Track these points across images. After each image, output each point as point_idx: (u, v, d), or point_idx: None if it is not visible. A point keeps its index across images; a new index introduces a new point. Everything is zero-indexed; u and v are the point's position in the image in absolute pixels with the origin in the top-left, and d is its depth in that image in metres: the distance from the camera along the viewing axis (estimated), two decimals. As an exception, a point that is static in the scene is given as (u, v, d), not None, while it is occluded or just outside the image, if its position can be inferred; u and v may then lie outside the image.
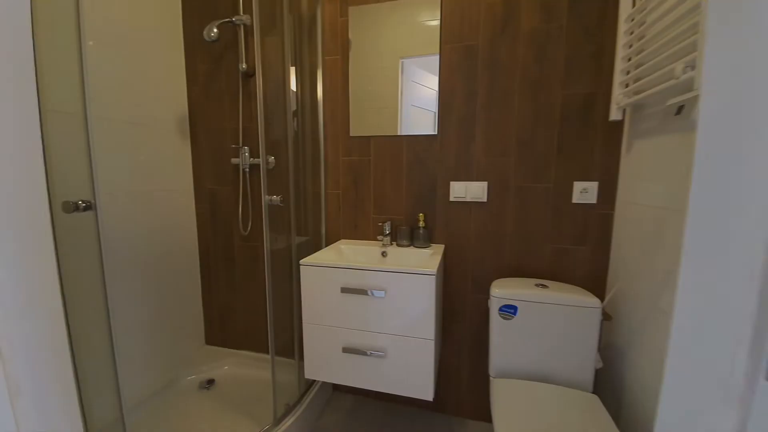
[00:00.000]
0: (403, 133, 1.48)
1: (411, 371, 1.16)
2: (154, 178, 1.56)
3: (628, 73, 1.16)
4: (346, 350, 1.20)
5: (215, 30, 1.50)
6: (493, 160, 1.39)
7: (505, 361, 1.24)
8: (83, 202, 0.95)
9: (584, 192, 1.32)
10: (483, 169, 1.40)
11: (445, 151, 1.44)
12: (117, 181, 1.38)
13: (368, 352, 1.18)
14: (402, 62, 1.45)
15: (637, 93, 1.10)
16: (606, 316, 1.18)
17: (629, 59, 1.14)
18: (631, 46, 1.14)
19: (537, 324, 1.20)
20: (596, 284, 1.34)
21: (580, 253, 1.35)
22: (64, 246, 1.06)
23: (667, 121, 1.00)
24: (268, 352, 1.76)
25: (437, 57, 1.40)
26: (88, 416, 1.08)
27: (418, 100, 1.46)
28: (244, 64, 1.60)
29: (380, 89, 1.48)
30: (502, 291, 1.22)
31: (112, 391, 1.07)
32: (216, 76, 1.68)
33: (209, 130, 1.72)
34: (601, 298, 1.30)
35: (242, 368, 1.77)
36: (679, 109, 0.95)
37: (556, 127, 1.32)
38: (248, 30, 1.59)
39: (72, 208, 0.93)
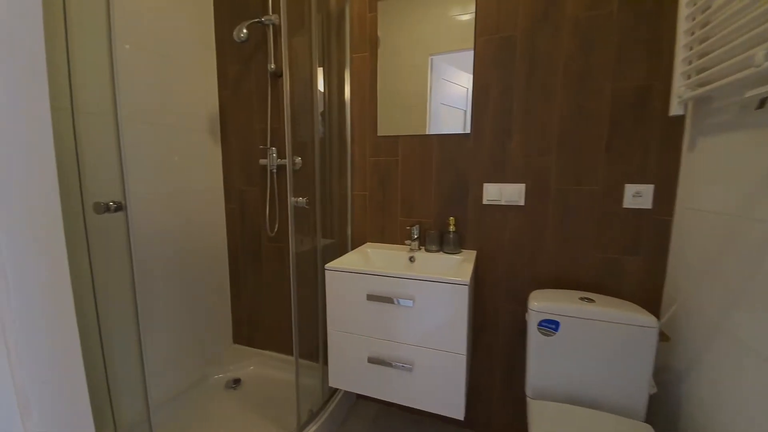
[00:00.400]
0: (432, 133, 1.41)
1: (440, 387, 1.08)
2: (186, 178, 1.58)
3: (690, 63, 1.03)
4: (371, 360, 1.15)
5: (245, 30, 1.49)
6: (531, 160, 1.29)
7: (543, 381, 1.14)
8: (114, 203, 0.96)
9: (637, 195, 1.19)
10: (520, 169, 1.30)
11: (479, 151, 1.35)
12: (149, 182, 1.40)
13: (394, 364, 1.12)
14: (431, 59, 1.38)
15: (702, 85, 0.97)
16: (663, 337, 1.05)
17: (691, 48, 1.01)
18: (693, 33, 1.01)
19: (581, 342, 1.09)
20: (650, 299, 1.20)
21: (631, 263, 1.22)
22: (96, 246, 1.08)
23: (744, 116, 0.87)
24: (292, 354, 1.75)
25: (469, 52, 1.32)
26: (117, 415, 1.09)
27: (447, 98, 1.38)
28: (272, 64, 1.59)
29: (409, 87, 1.42)
30: (541, 304, 1.12)
31: (140, 390, 1.08)
32: (246, 77, 1.69)
33: (239, 131, 1.73)
34: (656, 314, 1.17)
35: (268, 369, 1.77)
36: (762, 102, 0.82)
37: (605, 124, 1.20)
38: (277, 30, 1.58)
39: (103, 209, 0.94)
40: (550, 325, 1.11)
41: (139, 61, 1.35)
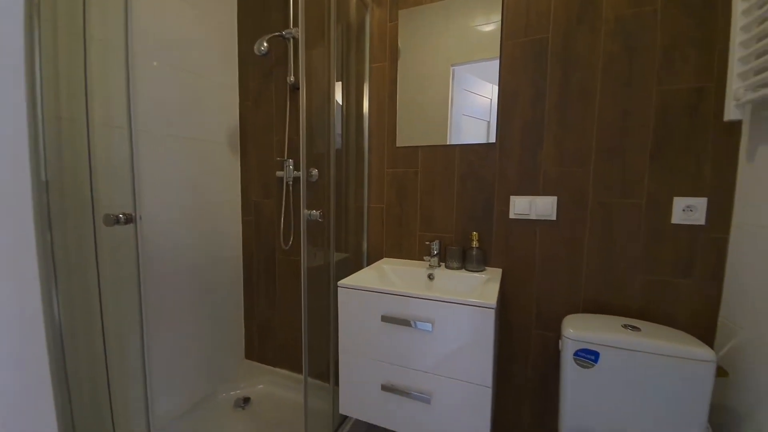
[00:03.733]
0: (454, 143, 1.33)
1: (462, 422, 0.97)
2: (205, 191, 1.57)
3: (748, 62, 0.92)
4: (385, 388, 1.05)
5: (265, 44, 1.49)
6: (565, 171, 1.18)
7: (581, 420, 1.00)
8: (124, 215, 0.93)
9: (688, 210, 1.05)
10: (552, 181, 1.20)
11: (505, 162, 1.26)
12: (168, 193, 1.39)
13: (411, 394, 1.01)
14: (453, 69, 1.32)
15: (763, 86, 0.86)
16: (720, 372, 0.90)
17: (749, 46, 0.92)
18: (751, 30, 0.91)
19: (625, 377, 0.95)
20: (704, 328, 1.05)
21: (682, 287, 1.07)
22: (106, 258, 1.06)
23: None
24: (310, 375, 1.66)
25: (493, 62, 1.25)
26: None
27: (470, 109, 1.31)
28: (292, 77, 1.58)
29: (429, 98, 1.36)
30: (578, 332, 0.99)
31: (143, 407, 1.03)
32: (266, 90, 1.68)
33: (257, 143, 1.72)
34: (712, 344, 1.02)
35: (278, 388, 1.69)
36: None
37: (650, 131, 1.08)
38: (297, 43, 1.57)
39: (113, 221, 0.92)
40: (588, 356, 0.97)
41: (166, 76, 1.36)
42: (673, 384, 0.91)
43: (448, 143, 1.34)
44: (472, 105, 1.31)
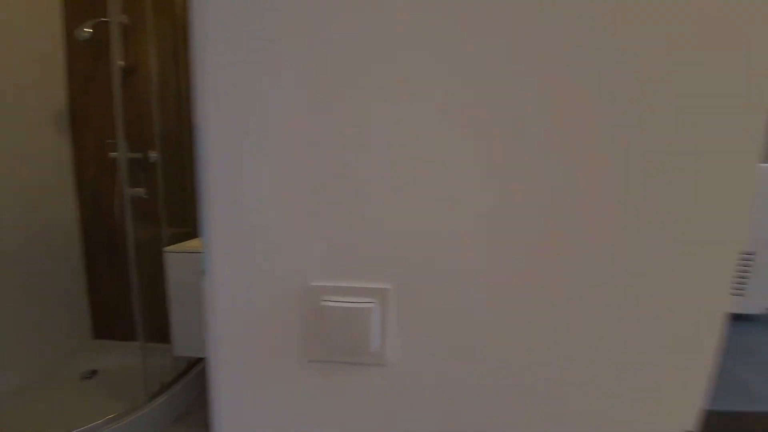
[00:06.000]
0: None
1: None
2: (30, 171, 1.55)
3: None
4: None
5: (86, 29, 1.54)
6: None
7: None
8: None
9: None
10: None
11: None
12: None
13: (227, 327, 1.32)
14: None
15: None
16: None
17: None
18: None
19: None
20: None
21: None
22: None
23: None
24: (156, 341, 1.83)
25: None
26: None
27: None
28: (122, 61, 1.65)
29: None
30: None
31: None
32: (97, 72, 1.71)
33: (90, 125, 1.74)
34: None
35: (130, 358, 1.81)
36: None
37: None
38: (127, 29, 1.64)
39: None
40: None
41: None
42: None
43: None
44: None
